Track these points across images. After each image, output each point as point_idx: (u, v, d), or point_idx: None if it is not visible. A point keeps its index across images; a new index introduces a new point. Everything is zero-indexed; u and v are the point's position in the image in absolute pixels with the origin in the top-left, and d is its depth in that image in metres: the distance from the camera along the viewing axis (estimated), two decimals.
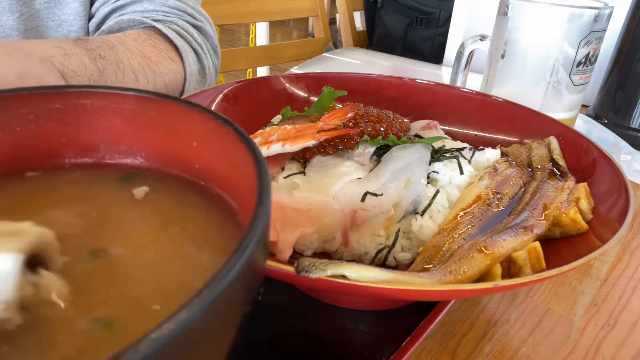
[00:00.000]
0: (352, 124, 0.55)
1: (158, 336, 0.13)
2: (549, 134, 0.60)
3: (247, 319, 0.19)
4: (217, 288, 0.15)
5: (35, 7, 0.73)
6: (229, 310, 0.17)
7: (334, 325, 0.45)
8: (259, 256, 0.19)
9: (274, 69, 1.91)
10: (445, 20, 1.90)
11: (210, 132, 0.25)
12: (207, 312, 0.15)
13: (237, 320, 0.18)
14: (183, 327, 0.14)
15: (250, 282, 0.18)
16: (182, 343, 0.14)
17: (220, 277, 0.15)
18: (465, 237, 0.44)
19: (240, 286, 0.17)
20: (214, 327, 0.16)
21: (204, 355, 0.16)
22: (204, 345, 0.16)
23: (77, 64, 0.59)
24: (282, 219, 0.45)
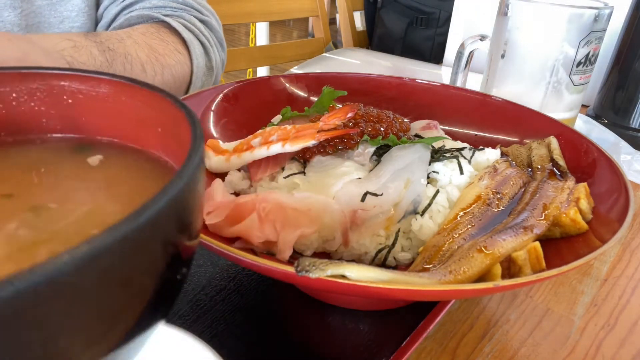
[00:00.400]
0: (352, 124, 0.55)
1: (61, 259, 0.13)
2: (549, 134, 0.60)
3: (171, 271, 0.19)
4: (126, 225, 0.15)
5: (36, 3, 0.73)
6: (138, 251, 0.17)
7: (334, 325, 0.45)
8: (179, 209, 0.19)
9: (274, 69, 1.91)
10: (445, 20, 1.90)
11: (170, 118, 0.26)
12: (109, 249, 0.15)
13: (151, 264, 0.18)
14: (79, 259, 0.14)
15: (162, 232, 0.18)
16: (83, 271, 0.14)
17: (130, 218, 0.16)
18: (465, 237, 0.44)
19: (149, 231, 0.17)
20: (117, 263, 0.16)
21: (111, 290, 0.16)
22: (111, 278, 0.15)
23: (87, 55, 0.61)
24: (282, 219, 0.45)
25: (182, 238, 0.20)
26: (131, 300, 0.17)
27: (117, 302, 0.16)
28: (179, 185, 0.18)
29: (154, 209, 0.16)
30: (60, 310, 0.14)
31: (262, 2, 1.48)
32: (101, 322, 0.16)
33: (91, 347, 0.16)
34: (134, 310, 0.18)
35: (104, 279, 0.15)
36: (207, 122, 0.63)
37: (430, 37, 1.98)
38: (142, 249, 0.17)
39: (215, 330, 0.44)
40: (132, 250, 0.16)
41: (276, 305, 0.48)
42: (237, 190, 0.56)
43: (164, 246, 0.18)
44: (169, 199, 0.17)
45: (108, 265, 0.15)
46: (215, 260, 0.52)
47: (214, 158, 0.57)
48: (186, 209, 0.19)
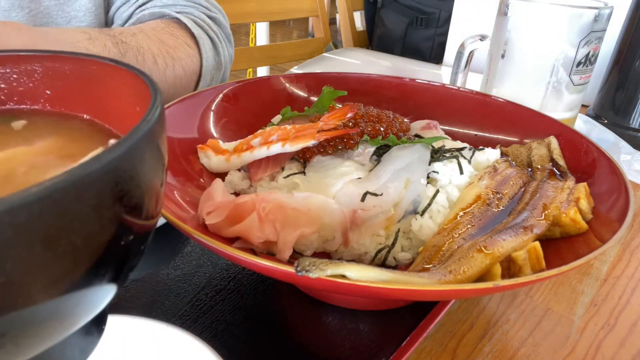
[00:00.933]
0: (352, 124, 0.55)
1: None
2: (549, 134, 0.60)
3: (109, 239, 0.20)
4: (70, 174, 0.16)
5: (44, 3, 0.73)
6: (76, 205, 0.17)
7: (334, 325, 0.45)
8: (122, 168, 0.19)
9: (274, 69, 1.91)
10: (445, 20, 1.91)
11: (134, 89, 0.27)
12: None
13: (78, 226, 0.18)
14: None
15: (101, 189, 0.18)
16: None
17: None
18: (465, 237, 0.44)
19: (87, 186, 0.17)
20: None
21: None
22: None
23: (101, 47, 0.63)
24: (282, 219, 0.45)
25: (122, 209, 0.20)
26: (52, 259, 0.18)
27: (38, 259, 0.17)
28: (119, 149, 0.18)
29: (81, 171, 0.17)
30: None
31: (262, 2, 1.48)
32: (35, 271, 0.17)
33: (29, 282, 0.17)
34: (65, 264, 0.18)
35: (24, 233, 0.16)
36: (207, 122, 0.63)
37: (430, 37, 1.99)
38: (67, 210, 0.17)
39: (215, 330, 0.44)
40: (54, 208, 0.16)
41: (276, 305, 0.48)
42: (237, 190, 0.56)
43: (96, 212, 0.18)
44: (103, 163, 0.17)
45: (26, 219, 0.15)
46: (215, 260, 0.52)
47: (214, 158, 0.57)
48: (127, 176, 0.19)
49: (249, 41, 2.58)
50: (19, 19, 0.71)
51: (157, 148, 0.22)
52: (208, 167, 0.57)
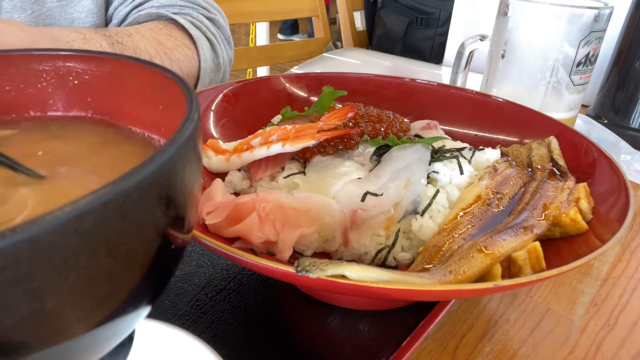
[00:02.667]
0: (352, 124, 0.55)
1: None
2: (549, 134, 0.60)
3: (158, 248, 0.19)
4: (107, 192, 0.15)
5: (47, 5, 0.73)
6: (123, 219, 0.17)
7: (334, 325, 0.45)
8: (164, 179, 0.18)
9: (274, 69, 1.91)
10: (445, 20, 1.91)
11: (171, 94, 0.26)
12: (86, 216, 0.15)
13: (135, 233, 0.18)
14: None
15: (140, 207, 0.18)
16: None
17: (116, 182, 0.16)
18: (465, 237, 0.44)
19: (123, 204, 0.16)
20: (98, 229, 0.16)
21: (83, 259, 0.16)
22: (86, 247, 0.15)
23: (96, 48, 0.62)
24: (282, 219, 0.45)
25: (171, 214, 0.19)
26: (113, 269, 0.17)
27: (100, 268, 0.16)
28: (168, 152, 0.17)
29: (138, 175, 0.16)
30: (44, 269, 0.14)
31: (262, 2, 1.48)
32: (85, 286, 0.16)
33: (77, 316, 0.16)
34: (117, 281, 0.18)
35: (85, 242, 0.15)
36: (207, 122, 0.63)
37: (430, 37, 1.99)
38: (128, 216, 0.16)
39: (215, 330, 0.44)
40: (116, 215, 0.16)
41: (276, 305, 0.48)
42: (237, 190, 0.56)
43: (150, 220, 0.18)
44: (155, 167, 0.17)
45: (89, 228, 0.15)
46: (215, 260, 0.52)
47: (214, 158, 0.57)
48: (175, 180, 0.19)
49: (249, 41, 2.58)
50: (21, 21, 0.71)
51: (198, 150, 0.22)
52: (208, 167, 0.57)
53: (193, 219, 0.22)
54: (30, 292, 0.14)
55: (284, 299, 0.49)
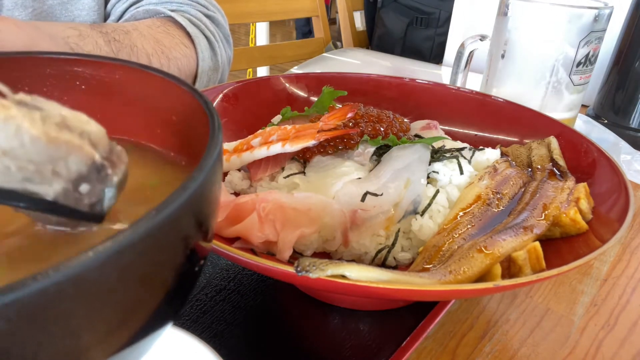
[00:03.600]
0: (352, 124, 0.55)
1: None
2: (549, 134, 0.60)
3: (178, 276, 0.19)
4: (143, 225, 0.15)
5: (47, 3, 0.73)
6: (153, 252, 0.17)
7: (334, 325, 0.45)
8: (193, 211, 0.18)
9: (274, 69, 1.91)
10: (445, 20, 1.90)
11: (186, 106, 0.25)
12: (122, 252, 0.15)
13: (169, 261, 0.18)
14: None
15: (174, 236, 0.18)
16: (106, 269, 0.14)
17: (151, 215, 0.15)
18: (465, 237, 0.44)
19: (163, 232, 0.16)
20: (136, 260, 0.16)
21: (124, 286, 0.16)
22: (128, 275, 0.15)
23: (92, 45, 0.61)
24: (282, 219, 0.45)
25: (199, 235, 0.19)
26: (148, 296, 0.17)
27: (136, 298, 0.16)
28: (199, 180, 0.17)
29: (175, 204, 0.16)
30: (83, 305, 0.14)
31: (262, 2, 1.48)
32: (119, 317, 0.16)
33: (107, 342, 0.16)
34: (150, 306, 0.18)
35: (125, 275, 0.15)
36: None
37: (430, 37, 1.98)
38: (162, 246, 0.16)
39: (215, 330, 0.44)
40: (153, 246, 0.16)
41: (276, 305, 0.48)
42: (237, 190, 0.56)
43: (183, 243, 0.18)
44: (189, 194, 0.17)
45: (129, 261, 0.15)
46: (215, 260, 0.52)
47: None
48: (205, 204, 0.19)
49: (249, 41, 2.58)
50: (22, 18, 0.70)
51: (221, 165, 0.22)
52: None
53: (215, 223, 0.22)
54: (67, 329, 0.14)
55: (284, 299, 0.49)
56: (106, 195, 0.21)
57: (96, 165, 0.20)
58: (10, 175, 0.19)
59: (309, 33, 4.71)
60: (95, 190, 0.20)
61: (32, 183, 0.19)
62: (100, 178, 0.21)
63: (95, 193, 0.20)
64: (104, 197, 0.21)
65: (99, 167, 0.20)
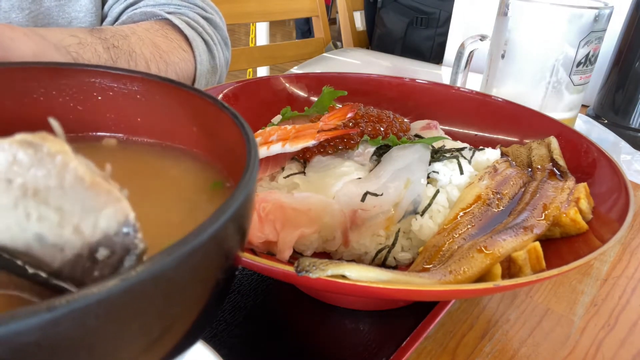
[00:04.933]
0: (352, 124, 0.55)
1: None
2: (549, 134, 0.60)
3: (220, 287, 0.19)
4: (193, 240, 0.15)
5: (45, 4, 0.72)
6: (200, 265, 0.17)
7: (334, 325, 0.45)
8: (239, 222, 0.19)
9: (274, 69, 1.91)
10: (445, 20, 1.90)
11: (209, 117, 0.26)
12: (180, 261, 0.15)
13: (208, 279, 0.18)
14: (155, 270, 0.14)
15: (223, 244, 0.18)
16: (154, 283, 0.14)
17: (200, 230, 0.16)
18: (465, 237, 0.44)
19: (215, 242, 0.17)
20: (182, 276, 0.16)
21: (172, 301, 0.16)
22: (174, 291, 0.16)
23: (91, 52, 0.61)
24: (282, 219, 0.45)
25: (238, 250, 0.19)
26: (190, 310, 0.17)
27: (176, 313, 0.16)
28: (241, 197, 0.17)
29: (218, 223, 0.16)
30: (131, 319, 0.15)
31: (262, 2, 1.48)
32: (160, 330, 0.16)
33: (146, 355, 0.16)
34: (187, 321, 0.18)
35: (190, 276, 0.15)
36: None
37: (430, 37, 1.98)
38: (205, 263, 0.17)
39: (215, 330, 0.44)
40: (196, 263, 0.16)
41: (276, 305, 0.48)
42: None
43: (226, 255, 0.18)
44: (232, 212, 0.17)
45: (173, 277, 0.15)
46: None
47: None
48: (245, 219, 0.19)
49: (249, 41, 2.58)
50: (18, 21, 0.70)
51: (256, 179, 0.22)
52: None
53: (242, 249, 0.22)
54: (139, 329, 0.15)
55: (284, 299, 0.49)
56: (124, 266, 0.17)
57: (129, 223, 0.17)
58: (23, 227, 0.16)
59: (309, 33, 4.70)
60: (113, 259, 0.17)
61: (41, 244, 0.16)
62: (125, 243, 0.17)
63: (112, 263, 0.17)
64: (120, 268, 0.17)
65: (130, 228, 0.17)
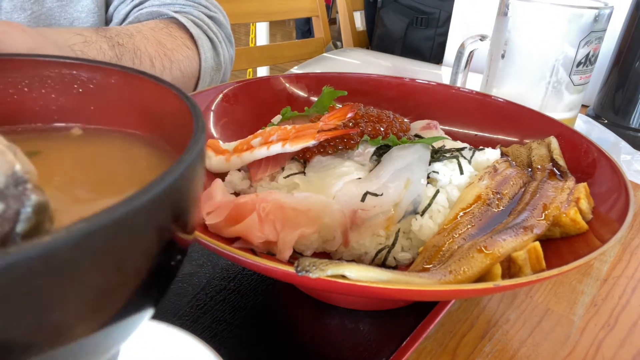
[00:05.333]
0: (352, 124, 0.55)
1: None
2: (549, 134, 0.60)
3: (157, 263, 0.20)
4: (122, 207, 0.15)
5: (46, 5, 0.73)
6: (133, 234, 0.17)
7: (334, 325, 0.45)
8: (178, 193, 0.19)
9: (274, 69, 1.91)
10: (445, 20, 1.91)
11: (176, 110, 0.27)
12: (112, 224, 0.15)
13: (143, 249, 0.18)
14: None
15: (157, 219, 0.18)
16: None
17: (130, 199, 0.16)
18: (465, 237, 0.44)
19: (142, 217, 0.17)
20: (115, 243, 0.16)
21: (102, 268, 0.16)
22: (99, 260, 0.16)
23: (97, 50, 0.62)
24: (282, 219, 0.45)
25: (176, 227, 0.20)
26: (122, 282, 0.18)
27: (108, 282, 0.17)
28: (176, 172, 0.18)
29: (149, 194, 0.16)
30: (54, 284, 0.15)
31: (262, 2, 1.48)
32: (92, 299, 0.17)
33: (81, 322, 0.17)
34: (125, 292, 0.18)
35: (97, 257, 0.16)
36: (207, 122, 0.63)
37: (430, 37, 1.99)
38: (135, 234, 0.17)
39: (215, 330, 0.44)
40: (126, 233, 0.16)
41: (276, 305, 0.48)
42: (237, 190, 0.56)
43: (157, 233, 0.18)
44: (166, 185, 0.17)
45: (101, 244, 0.15)
46: (215, 260, 0.52)
47: (214, 158, 0.57)
48: (183, 198, 0.19)
49: (249, 41, 2.58)
50: (20, 21, 0.70)
51: (202, 163, 0.22)
52: (208, 167, 0.57)
53: (195, 220, 0.23)
54: (38, 304, 0.15)
55: (284, 299, 0.49)
56: (21, 219, 0.17)
57: (16, 175, 0.17)
58: None
59: (309, 33, 4.70)
60: (9, 213, 0.17)
61: None
62: (17, 195, 0.17)
63: (9, 217, 0.17)
64: (17, 222, 0.17)
65: (20, 179, 0.17)
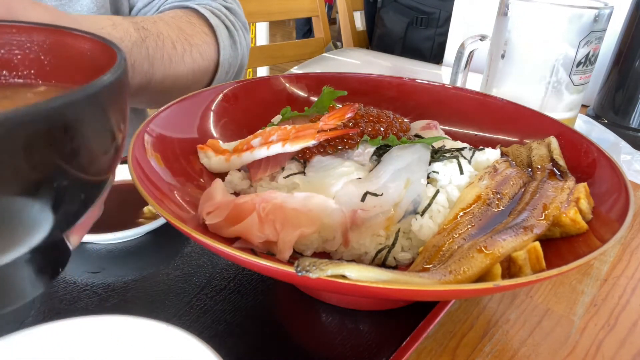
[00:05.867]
0: (352, 124, 0.55)
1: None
2: (549, 134, 0.60)
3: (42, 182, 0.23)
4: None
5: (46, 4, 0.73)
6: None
7: (334, 325, 0.45)
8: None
9: (274, 69, 1.91)
10: (445, 20, 1.91)
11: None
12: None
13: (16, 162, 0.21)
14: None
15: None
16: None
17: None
18: (465, 237, 0.44)
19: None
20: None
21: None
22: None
23: (123, 31, 0.67)
24: (282, 219, 0.45)
25: (54, 152, 0.22)
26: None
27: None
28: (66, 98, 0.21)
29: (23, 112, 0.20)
30: None
31: (262, 2, 1.48)
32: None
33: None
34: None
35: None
36: (207, 122, 0.63)
37: (430, 37, 1.99)
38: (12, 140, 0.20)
39: (215, 330, 0.44)
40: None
41: (276, 305, 0.48)
42: (237, 190, 0.56)
43: (27, 148, 0.21)
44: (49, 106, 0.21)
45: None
46: (215, 261, 0.52)
47: (214, 158, 0.57)
48: (61, 126, 0.22)
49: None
50: None
51: (103, 111, 0.25)
52: (208, 167, 0.57)
53: (87, 165, 0.25)
54: None
55: (284, 299, 0.49)
56: None
57: None
58: None
59: (309, 33, 4.69)
60: None
61: None
62: None
63: None
64: None
65: None
